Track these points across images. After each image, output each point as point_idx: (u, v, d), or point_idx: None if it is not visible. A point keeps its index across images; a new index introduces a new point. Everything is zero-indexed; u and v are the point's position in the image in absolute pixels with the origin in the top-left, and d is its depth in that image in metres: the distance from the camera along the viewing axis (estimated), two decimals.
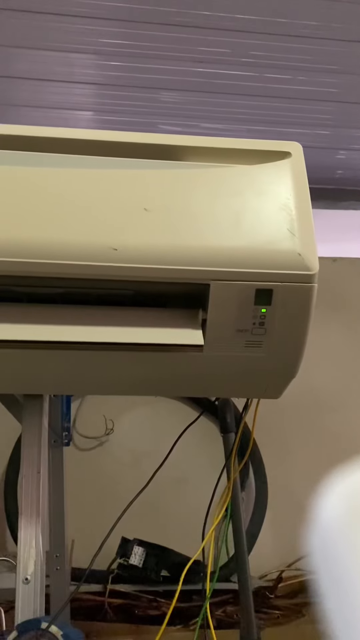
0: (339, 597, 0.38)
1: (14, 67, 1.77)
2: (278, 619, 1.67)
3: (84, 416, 2.00)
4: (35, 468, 1.02)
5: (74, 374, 1.00)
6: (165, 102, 1.92)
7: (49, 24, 1.60)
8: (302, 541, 0.41)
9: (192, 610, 1.58)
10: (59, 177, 0.90)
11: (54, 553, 1.42)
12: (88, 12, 1.58)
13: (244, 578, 1.48)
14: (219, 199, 0.91)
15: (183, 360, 0.95)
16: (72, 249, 0.86)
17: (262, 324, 0.91)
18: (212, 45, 1.70)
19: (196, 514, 1.42)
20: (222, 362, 0.96)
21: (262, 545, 1.91)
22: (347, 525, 0.39)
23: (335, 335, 2.18)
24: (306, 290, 0.90)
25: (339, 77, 1.84)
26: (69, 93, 1.87)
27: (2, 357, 0.94)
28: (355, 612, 0.37)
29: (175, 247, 0.88)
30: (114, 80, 1.82)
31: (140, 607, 1.64)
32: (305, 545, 0.41)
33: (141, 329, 0.91)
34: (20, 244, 0.85)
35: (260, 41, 1.69)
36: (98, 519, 1.31)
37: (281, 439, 2.04)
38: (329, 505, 0.40)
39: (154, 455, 1.33)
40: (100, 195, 0.90)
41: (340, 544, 0.39)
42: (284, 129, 2.05)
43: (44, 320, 0.90)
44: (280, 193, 0.92)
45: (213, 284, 0.88)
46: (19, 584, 0.93)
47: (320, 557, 0.40)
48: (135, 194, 0.90)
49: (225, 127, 2.04)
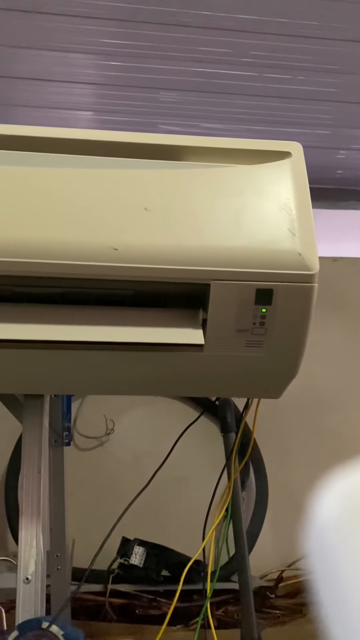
0: (337, 597, 0.38)
1: (14, 67, 1.77)
2: (279, 619, 1.67)
3: (85, 416, 2.00)
4: (36, 468, 1.02)
5: (74, 374, 1.00)
6: (165, 102, 1.92)
7: (48, 24, 1.60)
8: (301, 541, 0.41)
9: (192, 610, 1.58)
10: (60, 177, 0.90)
11: (54, 553, 1.42)
12: (88, 12, 1.58)
13: (244, 578, 1.48)
14: (219, 199, 0.91)
15: (183, 360, 0.95)
16: (73, 249, 0.86)
17: (263, 323, 0.91)
18: (212, 45, 1.69)
19: (196, 514, 1.42)
20: (223, 362, 0.96)
21: (262, 544, 1.91)
22: (344, 525, 0.39)
23: (336, 334, 2.18)
24: (306, 290, 0.90)
25: (339, 77, 1.84)
26: (69, 93, 1.87)
27: (3, 357, 0.94)
28: (352, 613, 0.37)
29: (175, 247, 0.88)
30: (114, 80, 1.82)
31: (141, 607, 1.64)
32: (303, 545, 0.40)
33: (142, 329, 0.91)
34: (21, 244, 0.85)
35: (260, 41, 1.69)
36: (98, 518, 1.31)
37: (281, 438, 2.04)
38: (326, 505, 0.40)
39: (154, 455, 1.33)
40: (101, 196, 0.90)
41: (338, 544, 0.39)
42: (284, 129, 2.05)
43: (45, 320, 0.91)
44: (281, 193, 0.92)
45: (213, 284, 0.88)
46: (19, 584, 0.93)
47: (317, 557, 0.40)
48: (136, 194, 0.90)
49: (226, 127, 2.04)
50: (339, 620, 0.38)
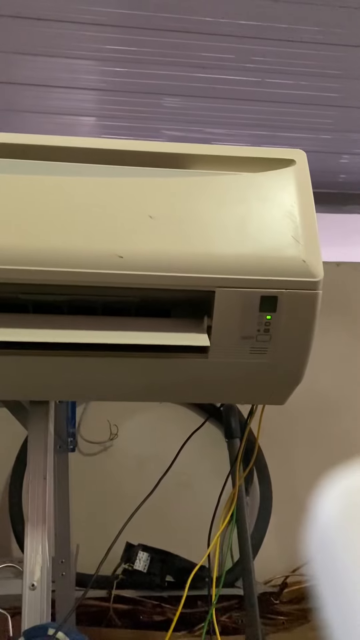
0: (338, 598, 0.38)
1: (17, 73, 1.78)
2: (283, 625, 1.67)
3: (88, 421, 2.00)
4: (42, 474, 1.02)
5: (80, 380, 1.00)
6: (168, 107, 1.92)
7: (51, 30, 1.61)
8: (302, 546, 0.41)
9: (196, 615, 1.58)
10: (66, 185, 0.91)
11: (59, 559, 1.42)
12: (90, 18, 1.59)
13: (249, 583, 1.48)
14: (224, 207, 0.91)
15: (188, 367, 0.96)
16: (79, 256, 0.86)
17: (267, 330, 0.91)
18: (215, 50, 1.70)
19: (200, 519, 1.42)
20: (227, 368, 0.96)
21: (266, 550, 1.91)
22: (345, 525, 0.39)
23: (339, 339, 2.18)
24: (311, 297, 0.90)
25: (341, 81, 1.85)
26: (72, 99, 1.88)
27: (9, 364, 0.94)
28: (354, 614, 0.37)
29: (180, 254, 0.88)
30: (117, 86, 1.83)
31: (145, 613, 1.64)
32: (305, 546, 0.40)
33: (147, 333, 0.92)
34: (27, 252, 0.86)
35: (262, 47, 1.70)
36: (102, 524, 1.31)
37: (286, 444, 2.04)
38: (327, 505, 0.40)
39: (158, 461, 1.33)
40: (106, 203, 0.90)
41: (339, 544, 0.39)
42: (287, 134, 2.06)
43: (50, 326, 0.91)
44: (285, 200, 0.92)
45: (218, 291, 0.88)
46: (25, 590, 0.93)
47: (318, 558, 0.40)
48: (141, 202, 0.90)
49: (228, 132, 2.04)
50: (341, 621, 0.37)
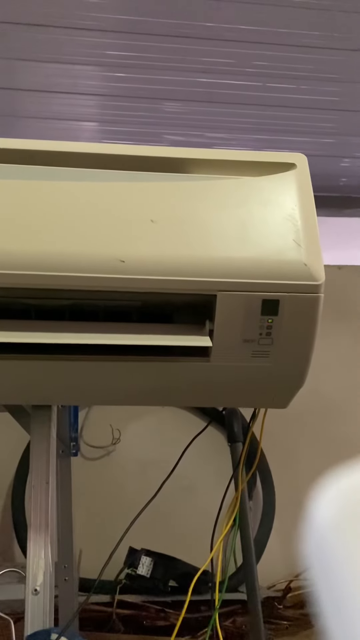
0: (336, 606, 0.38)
1: (19, 79, 1.79)
2: (287, 630, 1.66)
3: (91, 426, 2.00)
4: (44, 478, 1.02)
5: (82, 384, 1.00)
6: (169, 112, 1.93)
7: (53, 36, 1.62)
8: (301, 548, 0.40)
9: (200, 620, 1.58)
10: (67, 190, 0.91)
11: (62, 563, 1.41)
12: (92, 24, 1.59)
13: (252, 588, 1.47)
14: (225, 211, 0.92)
15: (190, 370, 0.96)
16: (80, 261, 0.86)
17: (269, 334, 0.91)
18: (216, 55, 1.71)
19: (203, 524, 1.41)
20: (229, 372, 0.96)
21: (270, 554, 1.90)
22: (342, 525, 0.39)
23: (341, 342, 2.18)
24: (312, 301, 0.90)
25: (341, 85, 1.85)
26: (73, 104, 1.88)
27: (11, 368, 0.94)
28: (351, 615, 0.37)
29: (182, 258, 0.88)
30: (118, 91, 1.84)
31: (149, 618, 1.63)
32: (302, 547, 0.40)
33: (149, 336, 0.92)
34: (28, 257, 0.86)
35: (263, 51, 1.70)
36: (105, 528, 1.31)
37: (288, 447, 2.04)
38: (324, 505, 0.40)
39: (160, 465, 1.32)
40: (108, 208, 0.90)
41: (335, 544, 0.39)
42: (288, 138, 2.06)
43: (52, 331, 0.91)
44: (286, 204, 0.93)
45: (220, 295, 0.89)
46: (28, 595, 0.93)
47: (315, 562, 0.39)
48: (142, 206, 0.91)
49: (230, 137, 2.04)
50: (338, 622, 0.37)
